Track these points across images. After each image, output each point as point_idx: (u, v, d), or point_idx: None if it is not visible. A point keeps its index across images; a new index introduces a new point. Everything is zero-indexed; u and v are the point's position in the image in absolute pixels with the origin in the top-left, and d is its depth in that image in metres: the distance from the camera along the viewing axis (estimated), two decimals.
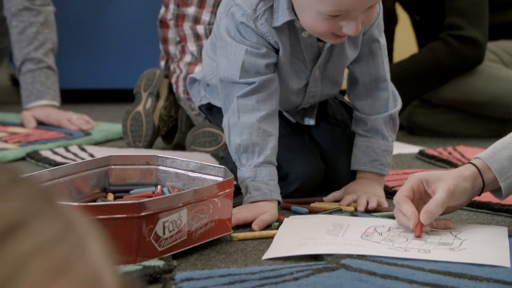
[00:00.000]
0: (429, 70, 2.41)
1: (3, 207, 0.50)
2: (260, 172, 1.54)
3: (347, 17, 1.45)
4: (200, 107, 1.86)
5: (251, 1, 1.56)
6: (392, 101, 1.70)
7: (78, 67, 3.12)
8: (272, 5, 1.56)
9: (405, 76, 2.40)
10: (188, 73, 2.16)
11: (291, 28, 1.57)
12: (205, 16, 2.13)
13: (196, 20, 2.14)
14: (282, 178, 1.64)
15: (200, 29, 2.15)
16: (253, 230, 1.45)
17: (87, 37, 3.13)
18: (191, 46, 2.17)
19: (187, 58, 2.18)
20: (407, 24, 2.78)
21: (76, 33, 3.11)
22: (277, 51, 1.59)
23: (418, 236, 1.36)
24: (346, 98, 2.09)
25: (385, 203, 1.63)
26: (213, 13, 2.12)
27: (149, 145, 2.20)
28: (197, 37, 2.16)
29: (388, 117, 1.69)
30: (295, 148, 1.68)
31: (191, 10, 2.15)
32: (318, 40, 1.60)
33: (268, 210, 1.50)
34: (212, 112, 1.83)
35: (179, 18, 2.19)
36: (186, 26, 2.17)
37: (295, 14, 1.53)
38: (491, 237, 1.39)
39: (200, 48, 2.15)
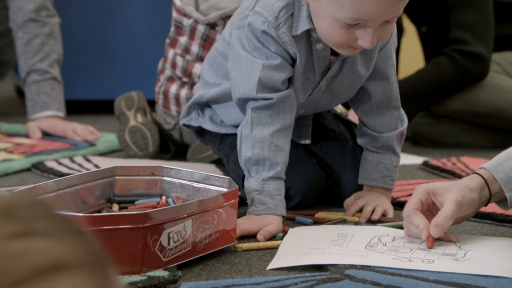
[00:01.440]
0: (435, 87, 2.42)
1: (54, 247, 0.52)
2: (267, 185, 1.53)
3: (363, 28, 1.43)
4: (187, 125, 1.85)
5: (272, 9, 1.54)
6: (401, 117, 1.71)
7: (83, 78, 3.13)
8: (293, 13, 1.54)
9: (411, 92, 2.41)
10: (166, 89, 2.21)
11: (307, 38, 1.56)
12: (194, 48, 2.17)
13: (186, 50, 2.18)
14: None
15: (180, 61, 2.19)
16: (257, 241, 1.45)
17: (92, 49, 3.14)
18: (167, 69, 2.22)
19: (167, 72, 2.21)
20: (414, 36, 2.78)
21: (81, 44, 3.12)
22: (293, 62, 1.57)
23: (430, 248, 1.36)
24: (339, 109, 2.10)
25: (391, 213, 1.63)
26: (201, 45, 2.16)
27: (158, 151, 2.22)
28: (174, 64, 2.20)
29: (399, 134, 1.70)
30: (293, 161, 1.66)
31: (182, 40, 2.19)
32: (331, 54, 1.60)
33: (273, 222, 1.50)
34: (203, 135, 1.84)
35: (174, 41, 2.23)
36: (172, 51, 2.21)
37: (313, 24, 1.52)
38: (495, 248, 1.39)
39: (173, 71, 2.21)
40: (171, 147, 2.27)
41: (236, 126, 1.69)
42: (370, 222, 1.60)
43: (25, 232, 0.52)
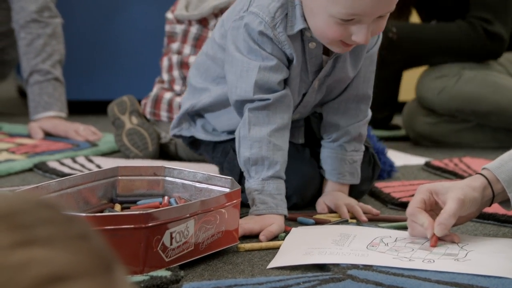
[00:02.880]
0: (448, 44, 2.46)
1: (55, 256, 0.51)
2: (267, 185, 1.54)
3: (358, 24, 1.44)
4: (177, 136, 1.85)
5: (268, 9, 1.54)
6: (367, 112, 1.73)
7: (85, 79, 3.13)
8: (287, 13, 1.54)
9: (424, 37, 2.46)
10: (159, 95, 2.22)
11: (301, 37, 1.57)
12: (186, 50, 2.19)
13: (178, 52, 2.21)
14: None
15: (174, 58, 2.20)
16: (260, 241, 1.45)
17: (94, 49, 3.14)
18: (164, 75, 2.25)
19: (163, 82, 2.25)
20: None
21: (83, 45, 3.12)
22: (289, 63, 1.58)
23: (433, 247, 1.36)
24: None
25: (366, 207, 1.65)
26: (193, 46, 2.18)
27: (158, 149, 2.22)
28: (170, 67, 2.21)
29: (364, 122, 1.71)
30: (289, 159, 1.66)
31: (175, 45, 2.23)
32: (323, 53, 1.60)
33: (275, 222, 1.50)
34: (196, 146, 1.84)
35: (167, 50, 2.27)
36: (166, 58, 2.23)
37: (307, 23, 1.53)
38: (497, 248, 1.39)
39: (171, 78, 2.22)
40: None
41: (230, 133, 1.70)
42: (372, 222, 1.60)
43: (26, 241, 0.51)
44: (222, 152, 1.76)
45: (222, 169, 1.78)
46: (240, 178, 1.65)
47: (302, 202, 1.70)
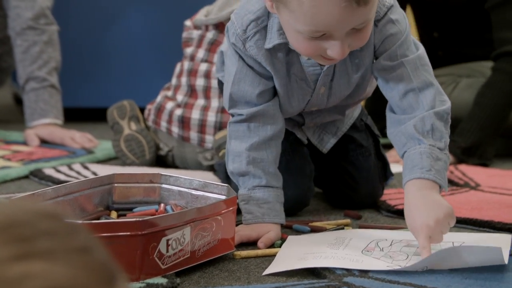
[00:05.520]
0: (502, 106, 2.35)
1: (54, 270, 0.50)
2: (254, 195, 1.53)
3: (330, 39, 1.34)
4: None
5: (242, 21, 1.48)
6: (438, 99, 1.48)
7: (81, 86, 3.13)
8: (267, 25, 1.46)
9: (484, 124, 2.32)
10: (161, 105, 2.21)
11: (290, 49, 1.49)
12: (200, 54, 2.19)
13: (192, 58, 2.20)
14: None
15: (186, 64, 2.20)
16: (257, 248, 1.45)
17: (90, 57, 3.14)
18: (173, 79, 2.25)
19: (170, 90, 2.25)
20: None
21: (79, 52, 3.12)
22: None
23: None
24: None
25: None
26: (207, 50, 2.18)
27: (155, 157, 2.22)
28: (180, 73, 2.21)
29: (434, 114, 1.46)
30: (288, 169, 1.65)
31: (189, 50, 2.23)
32: None
33: (271, 229, 1.50)
34: None
35: (184, 58, 2.25)
36: (179, 64, 2.24)
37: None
38: (492, 241, 1.42)
39: (178, 84, 2.22)
40: None
41: None
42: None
43: (25, 254, 0.51)
44: None
45: None
46: None
47: (287, 211, 1.61)
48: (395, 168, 2.18)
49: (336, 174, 1.79)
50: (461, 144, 2.28)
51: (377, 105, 2.72)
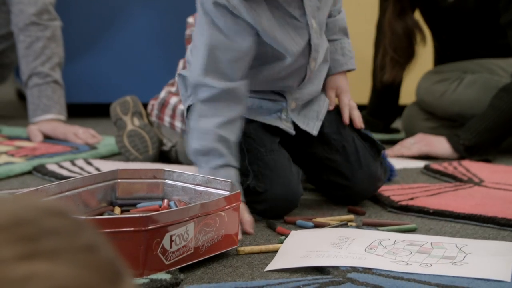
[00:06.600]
0: None
1: (58, 270, 0.49)
2: (218, 173, 1.53)
3: None
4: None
5: None
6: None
7: (85, 82, 3.13)
8: None
9: (495, 126, 2.30)
10: (165, 100, 2.21)
11: None
12: None
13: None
14: (258, 193, 1.63)
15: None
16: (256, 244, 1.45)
17: (93, 52, 3.14)
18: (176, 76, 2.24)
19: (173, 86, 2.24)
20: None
21: (82, 47, 3.12)
22: (256, 33, 1.55)
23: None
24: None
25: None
26: None
27: (158, 153, 2.22)
28: (183, 68, 2.22)
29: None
30: (276, 165, 1.65)
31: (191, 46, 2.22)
32: None
33: (242, 212, 1.49)
34: None
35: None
36: (182, 60, 2.23)
37: None
38: (495, 251, 1.39)
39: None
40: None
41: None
42: (371, 226, 1.60)
43: (30, 254, 0.50)
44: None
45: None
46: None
47: (271, 211, 1.64)
48: (399, 164, 2.18)
49: (326, 169, 1.76)
50: (465, 142, 2.28)
51: (381, 101, 2.72)
